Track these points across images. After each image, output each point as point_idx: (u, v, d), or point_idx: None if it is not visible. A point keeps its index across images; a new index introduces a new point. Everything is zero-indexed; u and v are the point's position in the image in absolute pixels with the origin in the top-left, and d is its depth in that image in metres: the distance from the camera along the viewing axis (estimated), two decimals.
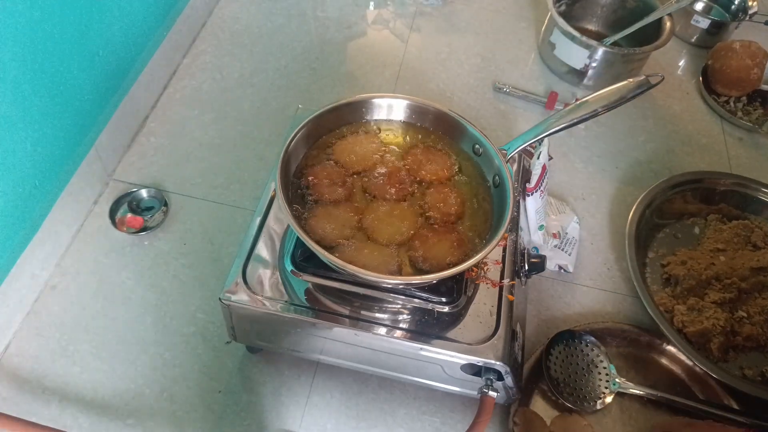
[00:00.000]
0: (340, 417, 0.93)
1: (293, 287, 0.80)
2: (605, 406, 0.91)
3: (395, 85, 1.37)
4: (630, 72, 1.38)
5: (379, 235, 0.76)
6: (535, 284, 1.08)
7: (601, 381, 0.92)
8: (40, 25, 0.89)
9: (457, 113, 0.85)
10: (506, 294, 0.82)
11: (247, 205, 1.14)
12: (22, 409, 0.89)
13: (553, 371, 0.92)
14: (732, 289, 1.04)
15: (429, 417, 0.94)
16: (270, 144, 1.24)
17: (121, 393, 0.92)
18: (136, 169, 1.17)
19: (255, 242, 0.83)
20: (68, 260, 1.05)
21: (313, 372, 0.96)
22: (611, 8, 1.47)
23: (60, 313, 0.99)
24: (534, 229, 1.01)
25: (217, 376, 0.95)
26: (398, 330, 0.77)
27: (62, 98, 0.98)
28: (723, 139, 1.37)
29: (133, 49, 1.17)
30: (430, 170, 0.83)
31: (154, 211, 1.11)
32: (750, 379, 0.98)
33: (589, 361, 0.93)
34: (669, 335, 0.96)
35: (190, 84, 1.32)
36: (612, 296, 1.09)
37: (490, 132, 0.83)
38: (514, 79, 1.42)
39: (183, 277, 1.04)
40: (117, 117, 1.14)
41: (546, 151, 0.99)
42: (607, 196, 1.24)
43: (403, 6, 1.55)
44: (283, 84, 1.35)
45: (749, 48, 1.39)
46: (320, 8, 1.52)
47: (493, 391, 0.77)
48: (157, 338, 0.98)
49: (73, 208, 1.06)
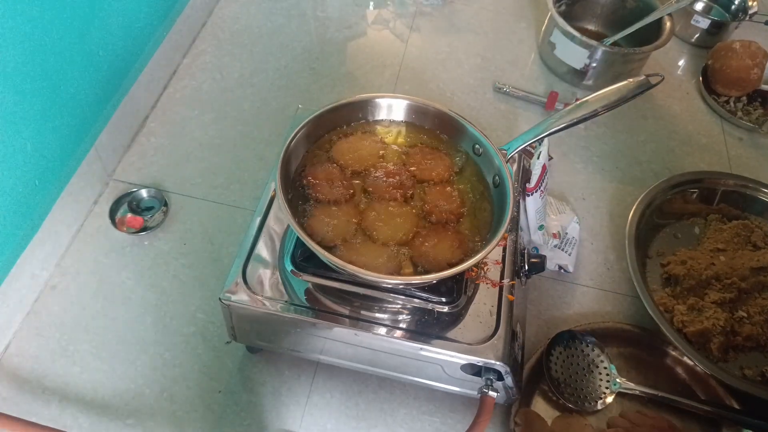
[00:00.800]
0: (340, 417, 0.93)
1: (293, 287, 0.80)
2: (606, 407, 0.91)
3: (395, 85, 1.37)
4: (630, 72, 1.38)
5: (379, 235, 0.76)
6: (535, 284, 1.08)
7: (602, 381, 0.92)
8: (40, 25, 0.89)
9: (457, 113, 0.85)
10: (506, 294, 0.82)
11: (247, 205, 1.14)
12: (22, 409, 0.89)
13: (554, 371, 0.92)
14: (732, 289, 1.04)
15: (429, 417, 0.94)
16: (270, 144, 1.24)
17: (121, 393, 0.92)
18: (136, 169, 1.17)
19: (255, 242, 0.83)
20: (68, 260, 1.05)
21: (313, 372, 0.96)
22: (611, 8, 1.47)
23: (60, 313, 0.99)
24: (534, 229, 1.01)
25: (217, 376, 0.95)
26: (398, 330, 0.77)
27: (62, 98, 0.98)
28: (723, 139, 1.37)
29: (133, 49, 1.17)
30: (430, 170, 0.83)
31: (154, 211, 1.11)
32: (750, 379, 0.98)
33: (590, 361, 0.93)
34: (669, 335, 0.96)
35: (190, 84, 1.32)
36: (612, 296, 1.09)
37: (490, 132, 0.83)
38: (514, 79, 1.42)
39: (183, 277, 1.04)
40: (117, 117, 1.14)
41: (546, 151, 0.99)
42: (607, 196, 1.24)
43: (403, 6, 1.55)
44: (283, 84, 1.35)
45: (749, 48, 1.39)
46: (320, 8, 1.52)
47: (493, 391, 0.77)
48: (157, 338, 0.98)
49: (73, 208, 1.06)
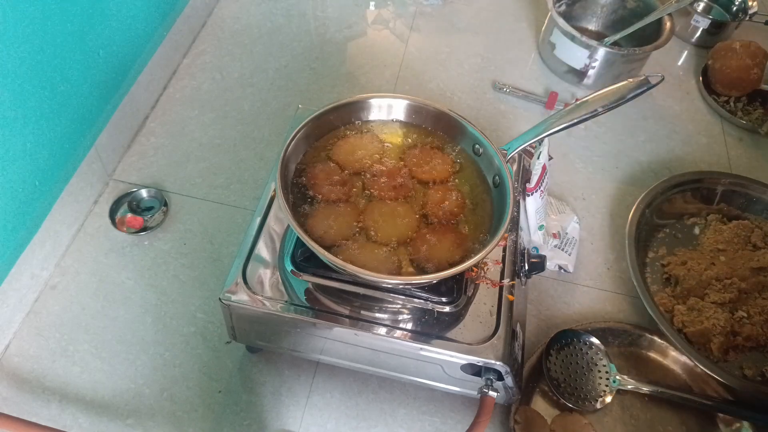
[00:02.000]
0: (340, 417, 0.93)
1: (293, 287, 0.80)
2: (605, 405, 0.91)
3: (395, 85, 1.37)
4: (630, 72, 1.38)
5: (379, 235, 0.76)
6: (535, 284, 1.08)
7: (602, 380, 0.92)
8: (41, 25, 0.89)
9: (457, 113, 0.85)
10: (506, 294, 0.82)
11: (247, 205, 1.14)
12: (22, 409, 0.89)
13: (553, 371, 0.92)
14: (732, 289, 1.04)
15: (429, 417, 0.94)
16: (270, 144, 1.24)
17: (121, 393, 0.92)
18: (136, 169, 1.17)
19: (255, 242, 0.83)
20: (68, 260, 1.05)
21: (313, 372, 0.96)
22: (611, 8, 1.47)
23: (60, 313, 0.99)
24: (534, 229, 1.01)
25: (217, 376, 0.95)
26: (398, 330, 0.77)
27: (62, 98, 0.98)
28: (723, 139, 1.37)
29: (133, 49, 1.17)
30: (430, 170, 0.83)
31: (154, 211, 1.11)
32: (750, 379, 0.98)
33: (589, 360, 0.93)
34: (669, 335, 0.96)
35: (190, 84, 1.32)
36: (612, 296, 1.09)
37: (490, 132, 0.83)
38: (514, 79, 1.42)
39: (183, 277, 1.04)
40: (117, 117, 1.14)
41: (546, 151, 0.99)
42: (607, 196, 1.24)
43: (403, 6, 1.55)
44: (283, 84, 1.35)
45: (749, 48, 1.38)
46: (320, 8, 1.52)
47: (493, 391, 0.77)
48: (157, 338, 0.98)
49: (73, 208, 1.06)
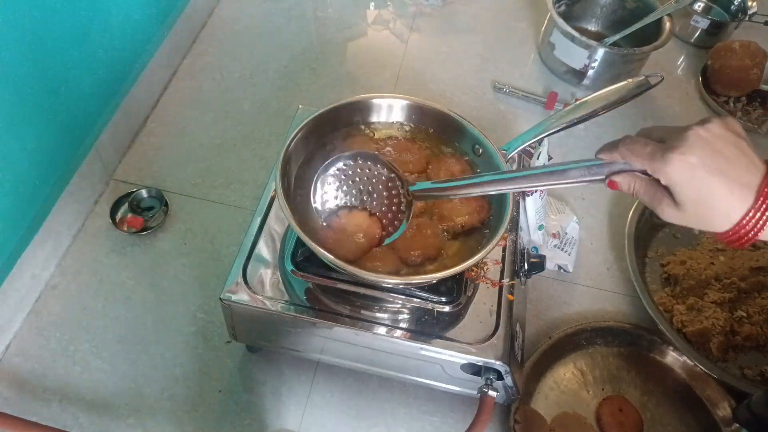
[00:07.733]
0: (340, 416, 0.93)
1: (293, 287, 0.80)
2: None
3: (395, 85, 1.37)
4: (630, 72, 1.38)
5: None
6: (535, 284, 1.08)
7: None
8: (41, 26, 0.89)
9: (457, 113, 0.85)
10: (506, 294, 0.82)
11: (247, 205, 1.14)
12: (22, 409, 0.90)
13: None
14: (731, 288, 1.04)
15: (429, 417, 0.94)
16: (270, 144, 1.24)
17: (121, 392, 0.93)
18: (137, 169, 1.17)
19: (255, 242, 0.83)
20: (69, 260, 1.05)
21: (314, 371, 0.96)
22: (611, 8, 1.47)
23: (60, 313, 0.99)
24: (534, 229, 1.01)
25: (218, 375, 0.95)
26: (398, 330, 0.77)
27: (63, 98, 0.98)
28: None
29: (133, 50, 1.17)
30: (430, 171, 0.83)
31: (155, 211, 1.11)
32: (750, 378, 0.98)
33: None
34: (669, 335, 0.96)
35: (191, 84, 1.32)
36: (612, 296, 1.10)
37: (490, 132, 0.82)
38: (514, 79, 1.42)
39: (183, 277, 1.04)
40: (118, 117, 1.14)
41: (546, 151, 0.99)
42: (606, 196, 1.24)
43: (403, 6, 1.55)
44: (283, 84, 1.35)
45: (749, 48, 1.38)
46: (320, 8, 1.52)
47: (492, 391, 0.77)
48: (158, 338, 0.98)
49: (73, 208, 1.06)
